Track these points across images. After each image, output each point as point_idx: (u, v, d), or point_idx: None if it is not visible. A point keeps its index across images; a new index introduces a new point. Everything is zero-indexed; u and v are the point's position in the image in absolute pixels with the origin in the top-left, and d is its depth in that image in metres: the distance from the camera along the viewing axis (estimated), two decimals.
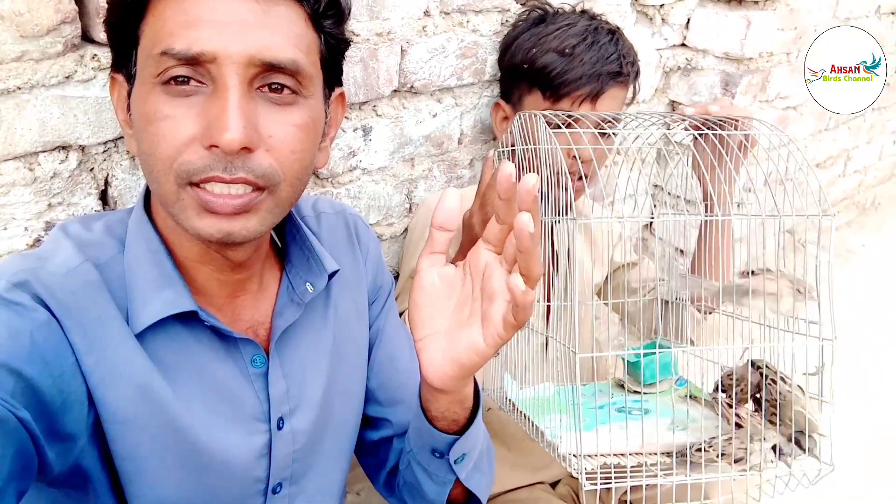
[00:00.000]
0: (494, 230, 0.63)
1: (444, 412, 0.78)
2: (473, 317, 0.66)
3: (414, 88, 1.23)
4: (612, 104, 1.16)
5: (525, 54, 1.19)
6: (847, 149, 2.60)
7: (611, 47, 1.15)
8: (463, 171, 1.38)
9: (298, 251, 0.80)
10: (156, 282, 0.68)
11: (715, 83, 1.69)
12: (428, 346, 0.70)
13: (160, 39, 0.61)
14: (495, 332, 0.64)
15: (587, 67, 1.12)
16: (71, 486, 0.66)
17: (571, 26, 1.16)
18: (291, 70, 0.63)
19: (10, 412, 0.53)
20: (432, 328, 0.69)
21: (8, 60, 0.80)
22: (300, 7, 0.65)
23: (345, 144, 1.18)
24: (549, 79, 1.14)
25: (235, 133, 0.59)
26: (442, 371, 0.70)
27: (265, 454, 0.75)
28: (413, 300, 0.69)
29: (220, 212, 0.62)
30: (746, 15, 1.61)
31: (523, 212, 0.56)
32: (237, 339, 0.72)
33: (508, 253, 0.62)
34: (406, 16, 1.16)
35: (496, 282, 0.63)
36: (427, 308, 0.69)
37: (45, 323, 0.60)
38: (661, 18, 1.64)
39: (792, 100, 2.00)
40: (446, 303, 0.68)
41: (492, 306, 0.64)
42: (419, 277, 0.68)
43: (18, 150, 0.84)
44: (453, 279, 0.68)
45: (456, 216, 0.65)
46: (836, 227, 2.82)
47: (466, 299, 0.67)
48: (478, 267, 0.65)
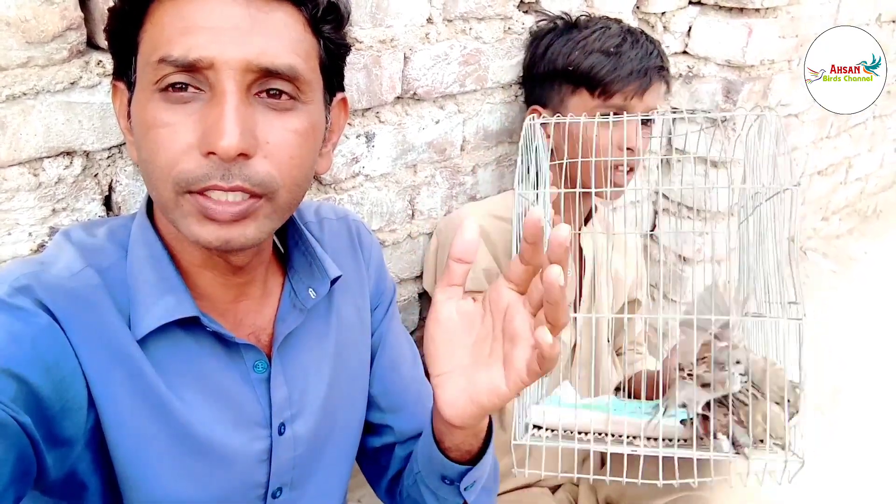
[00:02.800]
0: (518, 270, 0.60)
1: (459, 444, 0.76)
2: (494, 356, 0.63)
3: (417, 95, 1.23)
4: (657, 97, 1.23)
5: (566, 58, 1.24)
6: (848, 156, 2.60)
7: (649, 45, 1.22)
8: (465, 177, 1.38)
9: (301, 257, 0.80)
10: (158, 287, 0.68)
11: (716, 90, 1.69)
12: (446, 384, 0.66)
13: (158, 46, 0.61)
14: (518, 378, 0.61)
15: (635, 63, 1.18)
16: (64, 496, 0.66)
17: (607, 29, 1.23)
18: (289, 76, 0.63)
19: (12, 417, 0.53)
20: (450, 365, 0.65)
21: (14, 66, 0.80)
22: (298, 12, 0.65)
23: (348, 151, 1.18)
24: (597, 78, 1.20)
25: (232, 139, 0.59)
26: (462, 410, 0.66)
27: (265, 459, 0.75)
28: (429, 334, 0.65)
29: (218, 219, 0.62)
30: (748, 23, 1.61)
31: (554, 264, 0.54)
32: (239, 345, 0.72)
33: (534, 298, 0.59)
34: (409, 23, 1.16)
35: (519, 324, 0.60)
36: (445, 343, 0.65)
37: (46, 328, 0.61)
38: (663, 26, 1.65)
39: (793, 107, 2.01)
40: (465, 339, 0.64)
41: (514, 350, 0.61)
42: (435, 310, 0.64)
43: (23, 156, 0.84)
44: (472, 315, 0.64)
45: (475, 248, 0.61)
46: (838, 234, 2.83)
47: (486, 336, 0.64)
48: (499, 305, 0.62)
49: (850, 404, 2.02)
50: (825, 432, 1.91)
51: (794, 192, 0.82)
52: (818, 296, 2.48)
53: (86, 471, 0.66)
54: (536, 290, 0.59)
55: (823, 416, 1.98)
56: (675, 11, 1.64)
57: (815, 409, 2.01)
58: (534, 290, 0.59)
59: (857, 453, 1.84)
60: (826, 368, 2.11)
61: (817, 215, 2.67)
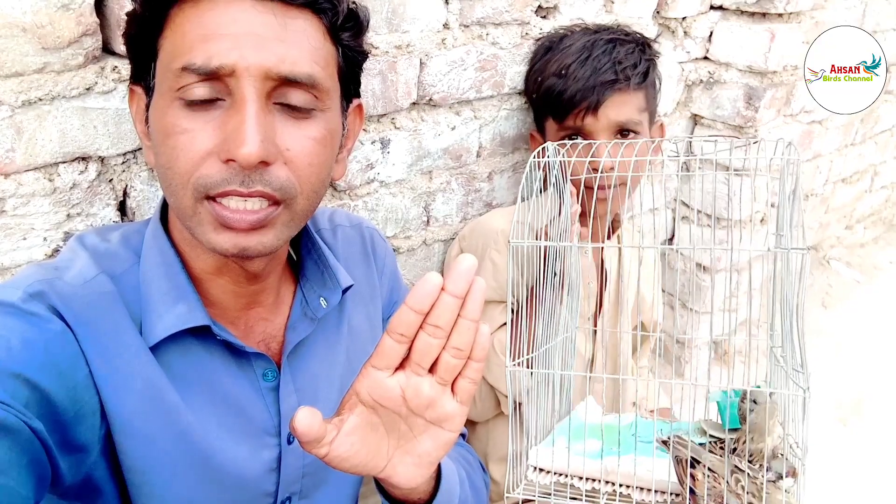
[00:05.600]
0: (409, 320, 0.53)
1: (412, 491, 0.72)
2: (416, 429, 0.60)
3: (433, 101, 1.22)
4: (619, 110, 1.17)
5: (533, 85, 1.25)
6: (874, 164, 2.55)
7: (604, 58, 1.17)
8: (481, 184, 1.37)
9: (313, 265, 0.79)
10: (169, 295, 0.68)
11: (738, 97, 1.67)
12: (395, 470, 0.61)
13: (180, 54, 0.61)
14: (460, 419, 0.59)
15: (581, 83, 1.15)
16: (81, 499, 0.66)
17: (570, 46, 1.20)
18: (308, 84, 0.63)
19: (24, 423, 0.53)
20: (385, 457, 0.60)
21: (30, 72, 0.81)
22: (318, 20, 0.64)
23: (363, 157, 1.17)
24: (550, 104, 1.20)
25: (253, 147, 0.59)
26: (420, 475, 0.62)
27: (275, 468, 0.75)
28: (345, 452, 0.58)
29: (236, 227, 0.62)
30: (770, 28, 1.59)
31: (478, 322, 0.53)
32: (249, 354, 0.72)
33: (427, 349, 0.55)
34: (425, 28, 1.16)
35: (428, 389, 0.56)
36: (362, 452, 0.59)
37: (59, 334, 0.61)
38: (684, 31, 1.63)
39: (817, 114, 1.97)
40: (377, 436, 0.60)
41: (439, 405, 0.57)
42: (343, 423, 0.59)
43: (39, 161, 0.85)
44: (370, 419, 0.59)
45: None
46: (862, 243, 2.77)
47: (393, 423, 0.60)
48: (388, 394, 0.57)
49: (874, 414, 1.98)
50: (848, 443, 1.87)
51: (804, 256, 0.78)
52: (842, 306, 2.43)
53: (102, 478, 0.66)
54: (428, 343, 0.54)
55: (846, 427, 1.94)
56: (696, 16, 1.62)
57: (837, 422, 1.97)
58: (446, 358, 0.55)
59: (881, 463, 1.80)
60: (849, 379, 2.07)
61: (841, 223, 2.62)
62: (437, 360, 0.56)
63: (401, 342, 0.54)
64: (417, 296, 0.52)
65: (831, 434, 1.92)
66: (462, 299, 0.53)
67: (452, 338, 0.54)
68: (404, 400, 0.57)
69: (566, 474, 0.90)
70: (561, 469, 0.90)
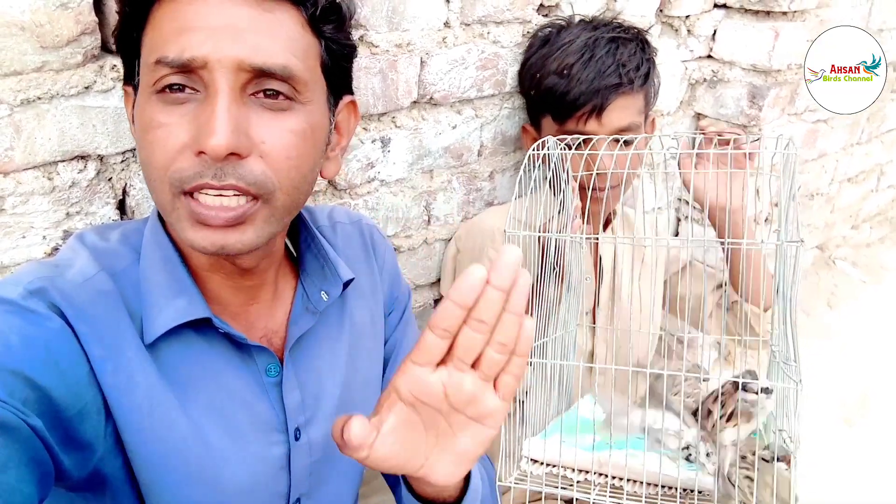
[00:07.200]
0: (456, 314, 0.52)
1: (444, 489, 0.71)
2: (456, 426, 0.58)
3: (433, 100, 1.22)
4: (623, 114, 1.15)
5: (532, 80, 1.22)
6: (880, 163, 2.53)
7: (608, 59, 1.14)
8: (483, 183, 1.37)
9: (313, 259, 0.79)
10: (169, 290, 0.68)
11: (742, 95, 1.66)
12: (433, 469, 0.60)
13: (155, 48, 0.61)
14: (501, 416, 0.57)
15: (584, 86, 1.13)
16: (91, 490, 0.66)
17: (571, 44, 1.17)
18: (283, 75, 0.62)
19: (23, 420, 0.53)
20: (423, 455, 0.59)
21: (29, 71, 0.81)
22: (297, 11, 0.64)
23: (363, 156, 1.17)
24: (551, 104, 1.17)
25: (221, 138, 0.58)
26: (458, 473, 0.61)
27: (285, 466, 0.74)
28: (385, 453, 0.58)
29: (212, 224, 0.61)
30: (775, 26, 1.58)
31: (522, 316, 0.52)
32: (251, 347, 0.72)
33: (472, 345, 0.53)
34: (426, 27, 1.15)
35: (470, 385, 0.55)
36: (402, 451, 0.58)
37: (59, 331, 0.60)
38: (687, 30, 1.62)
39: (822, 112, 1.96)
40: (416, 434, 0.58)
41: (482, 400, 0.56)
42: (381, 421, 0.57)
43: (38, 160, 0.85)
44: (409, 417, 0.58)
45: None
46: (868, 243, 2.75)
47: (433, 420, 0.58)
48: (429, 391, 0.55)
49: (879, 414, 1.97)
50: (853, 443, 1.86)
51: (798, 248, 0.78)
52: (847, 306, 2.42)
53: (114, 473, 0.66)
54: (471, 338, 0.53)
55: (851, 426, 1.93)
56: (700, 15, 1.61)
57: (842, 421, 1.96)
58: (490, 352, 0.54)
59: (885, 463, 1.78)
60: (854, 379, 2.06)
61: (847, 223, 2.61)
62: (480, 356, 0.54)
63: (444, 338, 0.52)
64: (461, 290, 0.50)
65: (836, 433, 1.91)
66: (507, 293, 0.51)
67: (496, 332, 0.53)
68: (445, 396, 0.55)
69: (559, 465, 0.90)
70: (553, 460, 0.90)
